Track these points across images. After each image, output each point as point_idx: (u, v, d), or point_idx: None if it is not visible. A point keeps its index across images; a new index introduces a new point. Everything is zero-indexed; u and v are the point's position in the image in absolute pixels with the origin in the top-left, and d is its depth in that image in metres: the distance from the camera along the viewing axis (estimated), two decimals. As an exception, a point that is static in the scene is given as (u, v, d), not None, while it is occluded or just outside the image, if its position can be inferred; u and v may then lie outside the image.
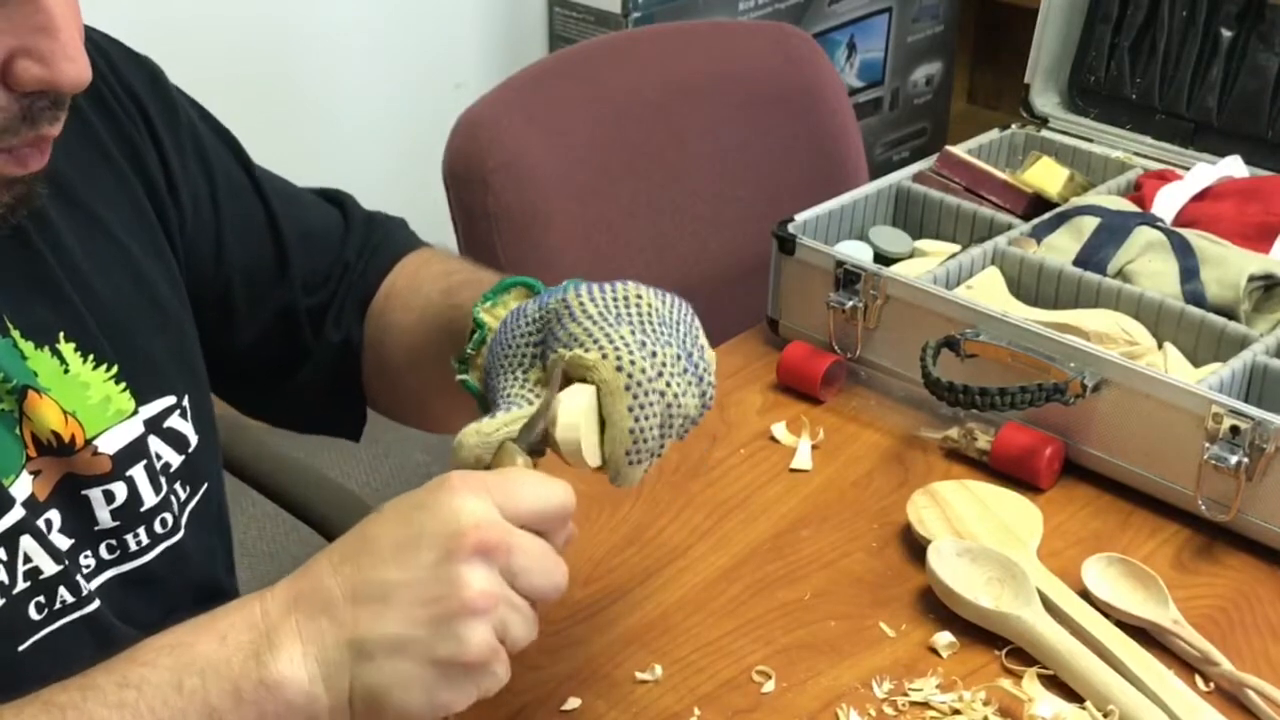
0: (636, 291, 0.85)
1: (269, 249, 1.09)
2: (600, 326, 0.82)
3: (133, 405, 0.97)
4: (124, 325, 0.97)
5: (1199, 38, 1.52)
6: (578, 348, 0.82)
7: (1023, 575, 1.04)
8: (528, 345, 0.85)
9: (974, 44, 3.59)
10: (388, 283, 1.12)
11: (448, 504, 0.73)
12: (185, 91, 1.08)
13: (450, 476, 0.75)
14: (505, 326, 0.87)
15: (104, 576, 0.97)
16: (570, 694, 0.98)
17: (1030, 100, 1.60)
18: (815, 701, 0.98)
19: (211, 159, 1.07)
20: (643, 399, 0.80)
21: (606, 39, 1.89)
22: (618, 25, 2.59)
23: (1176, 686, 0.97)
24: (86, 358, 0.94)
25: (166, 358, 1.00)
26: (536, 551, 0.75)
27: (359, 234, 1.14)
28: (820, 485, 1.20)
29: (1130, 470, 1.17)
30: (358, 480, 2.58)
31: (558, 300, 0.85)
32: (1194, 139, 1.53)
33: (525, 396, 0.83)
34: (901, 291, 1.27)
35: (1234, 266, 1.27)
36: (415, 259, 1.14)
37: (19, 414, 0.91)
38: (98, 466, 0.95)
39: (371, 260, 1.13)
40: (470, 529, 0.73)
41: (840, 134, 1.78)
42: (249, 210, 1.09)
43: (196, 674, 0.73)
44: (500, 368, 0.86)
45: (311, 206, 1.14)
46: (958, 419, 1.25)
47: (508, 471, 0.77)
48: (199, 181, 1.05)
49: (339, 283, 1.12)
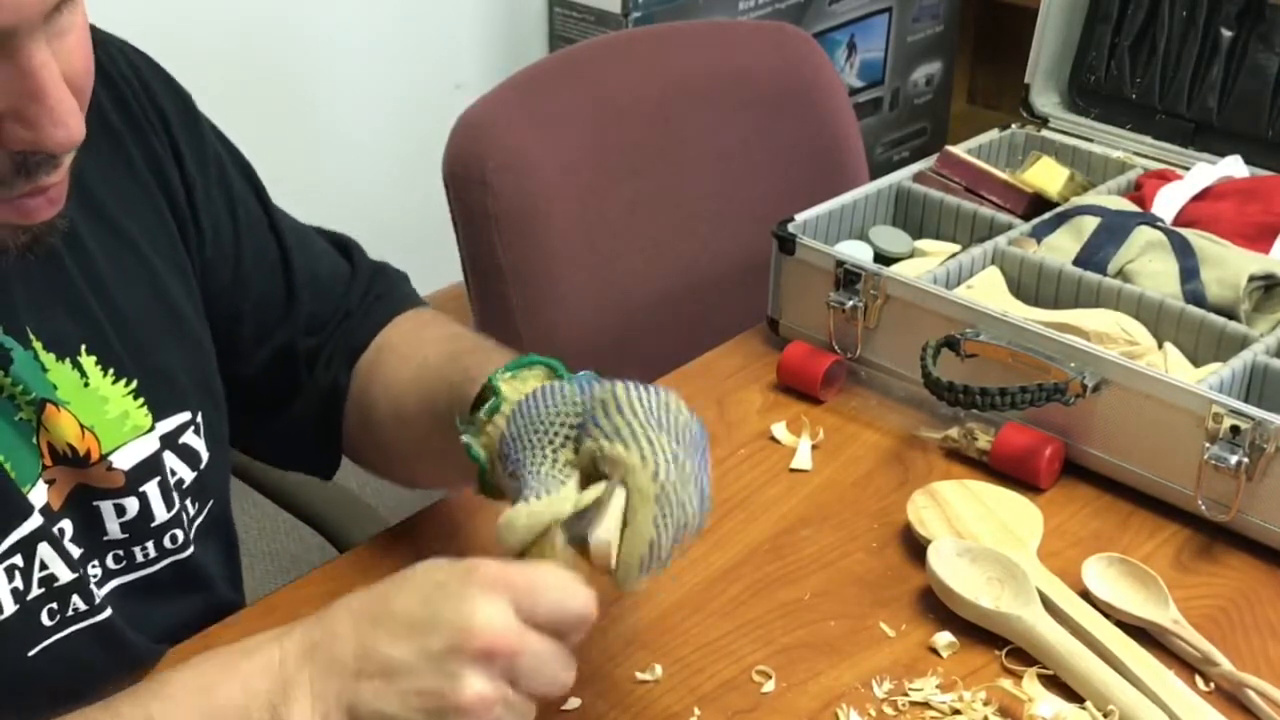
0: (677, 402, 0.86)
1: (279, 286, 1.10)
2: (644, 428, 0.82)
3: (149, 421, 0.97)
4: (145, 340, 0.97)
5: (1199, 38, 1.52)
6: (619, 442, 0.82)
7: (1023, 575, 1.04)
8: (564, 426, 0.85)
9: (974, 44, 3.59)
10: (381, 337, 1.12)
11: (468, 598, 0.75)
12: (214, 123, 1.08)
13: (479, 569, 0.76)
14: (536, 401, 0.87)
15: (110, 585, 0.98)
16: (570, 694, 0.98)
17: (1030, 100, 1.60)
18: (815, 701, 0.98)
19: (235, 191, 1.07)
20: (667, 511, 0.81)
21: (606, 39, 1.89)
22: (618, 25, 2.59)
23: (1176, 686, 0.97)
24: (107, 371, 0.94)
25: (184, 374, 1.01)
26: (545, 655, 0.77)
27: (362, 283, 1.14)
28: (820, 485, 1.20)
29: (1130, 470, 1.17)
30: (358, 480, 2.57)
31: (606, 391, 0.85)
32: (1194, 139, 1.53)
33: (556, 477, 0.83)
34: (901, 291, 1.27)
35: (1234, 266, 1.27)
36: (413, 318, 1.14)
37: (37, 424, 0.91)
38: (111, 481, 0.95)
39: (370, 311, 1.13)
40: (482, 630, 0.74)
41: (840, 134, 1.77)
42: (264, 246, 1.09)
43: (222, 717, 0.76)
44: (530, 442, 0.86)
45: (322, 254, 1.14)
46: (958, 419, 1.25)
47: (537, 572, 0.78)
48: (221, 211, 1.06)
49: (336, 328, 1.12)
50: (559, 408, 0.86)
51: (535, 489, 0.82)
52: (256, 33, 2.48)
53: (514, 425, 0.87)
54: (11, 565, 0.90)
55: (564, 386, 0.88)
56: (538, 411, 0.86)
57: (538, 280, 1.55)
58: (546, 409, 0.86)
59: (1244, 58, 1.50)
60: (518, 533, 0.80)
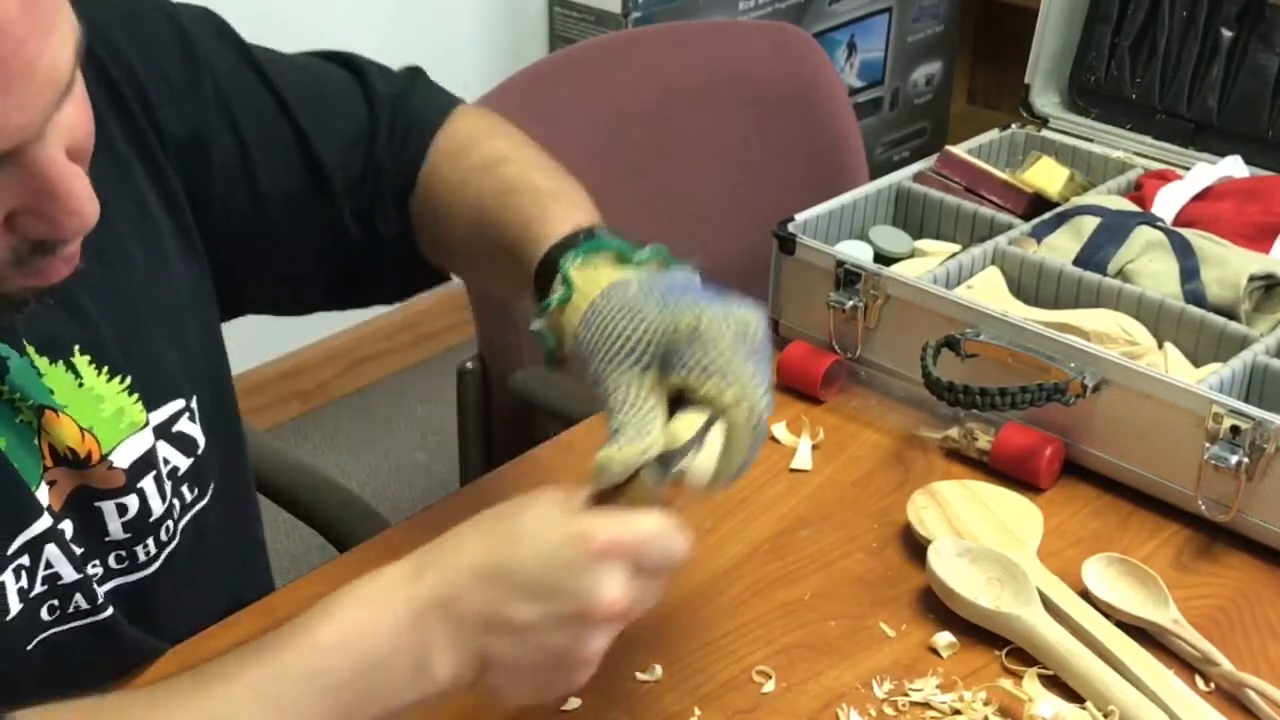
0: (753, 317, 0.87)
1: (306, 180, 1.07)
2: (730, 361, 0.84)
3: (144, 416, 0.97)
4: (134, 330, 0.97)
5: (1199, 38, 1.52)
6: (711, 379, 0.84)
7: (1023, 575, 1.04)
8: (647, 345, 0.86)
9: (974, 44, 3.59)
10: (427, 171, 1.09)
11: (589, 572, 0.79)
12: (194, 8, 1.05)
13: (593, 538, 0.80)
14: (616, 317, 0.87)
15: (111, 584, 0.98)
16: (570, 694, 0.98)
17: (1030, 100, 1.60)
18: (815, 701, 0.98)
19: (234, 104, 1.04)
20: (757, 441, 0.86)
21: (606, 39, 1.89)
22: (618, 25, 2.59)
23: (1176, 686, 0.97)
24: (101, 370, 0.94)
25: (176, 360, 1.00)
26: (651, 596, 0.83)
27: (385, 125, 1.09)
28: (820, 485, 1.20)
29: (1130, 470, 1.17)
30: (358, 480, 2.58)
31: (690, 316, 0.85)
32: (1194, 139, 1.53)
33: (644, 410, 0.85)
34: (901, 291, 1.27)
35: (1234, 266, 1.27)
36: (450, 139, 1.10)
37: (37, 427, 0.91)
38: (112, 480, 0.95)
39: (402, 155, 1.09)
40: (605, 603, 0.79)
41: (840, 134, 1.77)
42: (279, 143, 1.06)
43: (378, 669, 0.80)
44: (612, 360, 0.86)
45: (338, 107, 1.09)
46: (958, 419, 1.25)
47: (642, 527, 0.81)
48: (221, 134, 1.03)
49: (375, 184, 1.09)
50: (640, 326, 0.86)
51: (624, 425, 0.84)
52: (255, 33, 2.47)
53: (591, 333, 0.88)
54: (20, 565, 0.90)
55: (643, 301, 0.87)
56: (618, 329, 0.87)
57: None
58: (627, 325, 0.87)
59: (1244, 58, 1.50)
60: (613, 475, 0.83)
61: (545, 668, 0.81)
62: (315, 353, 2.79)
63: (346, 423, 2.74)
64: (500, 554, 0.81)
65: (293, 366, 2.76)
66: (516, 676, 0.81)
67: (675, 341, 0.85)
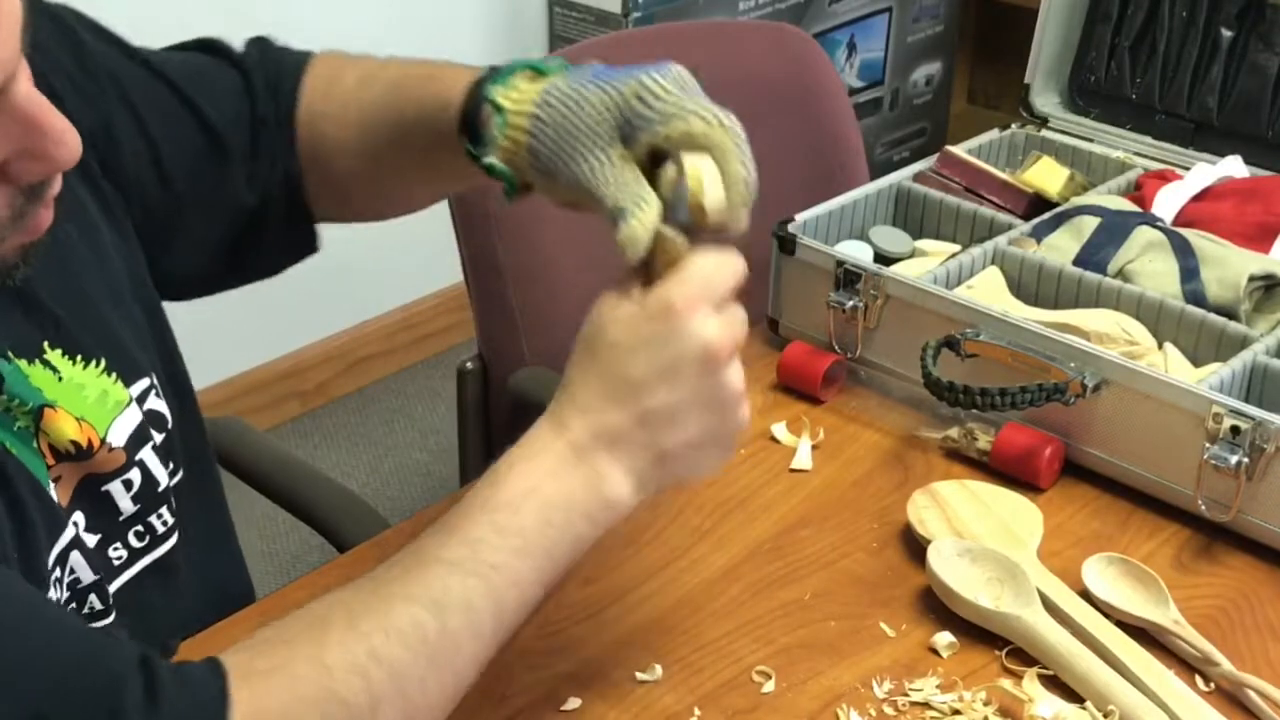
0: (680, 67, 0.90)
1: (201, 145, 1.08)
2: (684, 101, 0.87)
3: (126, 393, 0.98)
4: (91, 315, 0.97)
5: (1199, 38, 1.52)
6: (676, 121, 0.87)
7: (1023, 575, 1.04)
8: (606, 127, 0.88)
9: (974, 44, 3.59)
10: (304, 104, 1.10)
11: (686, 333, 0.85)
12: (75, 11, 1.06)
13: (670, 304, 0.85)
14: (566, 112, 0.89)
15: (136, 568, 0.98)
16: (570, 694, 0.98)
17: (1030, 100, 1.60)
18: (815, 701, 0.98)
19: (128, 90, 1.05)
20: (744, 150, 0.88)
21: (606, 39, 1.89)
22: (618, 25, 2.59)
23: (1176, 686, 0.97)
24: (75, 360, 0.94)
25: (131, 338, 1.00)
26: (742, 320, 0.88)
27: (258, 80, 1.11)
28: (820, 485, 1.20)
29: (1130, 470, 1.17)
30: (358, 480, 2.58)
31: (631, 85, 0.88)
32: (1194, 139, 1.53)
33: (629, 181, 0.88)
34: (901, 291, 1.27)
35: (1234, 266, 1.27)
36: (315, 87, 1.11)
37: (35, 429, 0.92)
38: (114, 461, 0.96)
39: (278, 97, 1.11)
40: (715, 344, 0.85)
41: (840, 134, 1.77)
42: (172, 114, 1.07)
43: (558, 510, 0.85)
44: (575, 152, 0.89)
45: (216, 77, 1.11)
46: (958, 419, 1.25)
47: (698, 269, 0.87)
48: (126, 121, 1.04)
49: (262, 138, 1.10)
50: (589, 111, 0.89)
51: (620, 201, 0.87)
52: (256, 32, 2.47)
53: (547, 140, 0.90)
54: (55, 579, 0.91)
55: (581, 91, 0.89)
56: (571, 122, 0.89)
57: (537, 280, 1.55)
58: (576, 116, 0.89)
59: (1244, 58, 1.50)
60: (642, 245, 0.86)
61: (711, 428, 0.87)
62: (315, 353, 2.79)
63: (346, 423, 2.74)
64: (613, 371, 0.86)
65: (293, 366, 2.76)
66: (694, 454, 0.88)
67: (627, 110, 0.87)
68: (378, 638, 0.79)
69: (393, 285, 2.88)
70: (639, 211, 0.86)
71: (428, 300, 2.94)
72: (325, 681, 0.78)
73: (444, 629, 0.81)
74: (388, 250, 2.59)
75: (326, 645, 0.79)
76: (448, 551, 0.83)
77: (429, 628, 0.80)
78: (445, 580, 0.82)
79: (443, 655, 0.81)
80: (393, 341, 2.89)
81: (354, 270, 2.63)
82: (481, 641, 0.83)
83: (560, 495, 0.85)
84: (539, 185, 0.92)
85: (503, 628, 0.84)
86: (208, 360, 2.60)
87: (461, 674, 0.83)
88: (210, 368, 2.61)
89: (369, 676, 0.79)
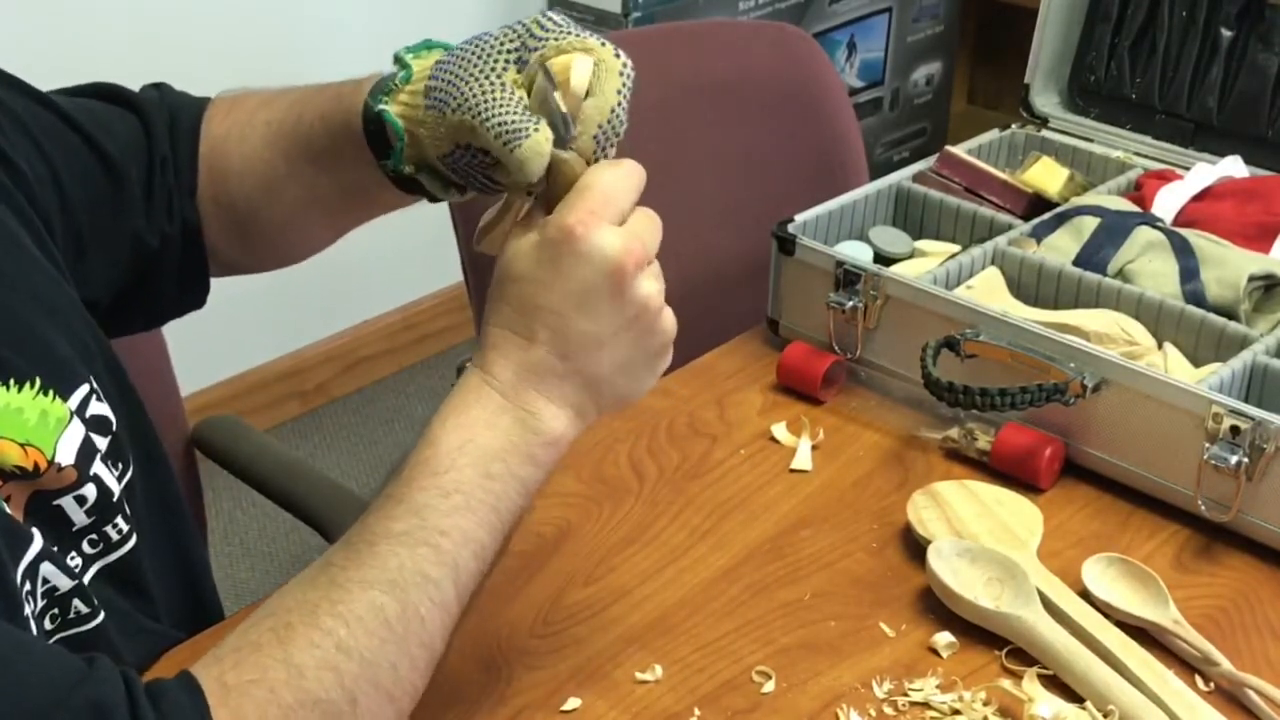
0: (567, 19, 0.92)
1: (98, 176, 1.07)
2: (580, 34, 0.89)
3: (65, 409, 0.96)
4: (21, 330, 0.95)
5: (1199, 38, 1.52)
6: (570, 39, 0.88)
7: (1023, 575, 1.04)
8: (503, 53, 0.89)
9: (974, 44, 3.59)
10: (204, 145, 1.10)
11: (590, 249, 0.84)
12: None
13: (568, 228, 0.84)
14: (467, 46, 0.91)
15: (96, 568, 0.98)
16: (570, 694, 0.98)
17: (1030, 100, 1.60)
18: (815, 701, 0.98)
19: (27, 123, 1.04)
20: (624, 86, 0.89)
21: (606, 39, 1.89)
22: (618, 25, 2.59)
23: (1176, 686, 0.97)
24: (9, 385, 0.92)
25: (65, 345, 0.98)
26: (652, 226, 0.88)
27: (156, 120, 1.10)
28: (820, 485, 1.20)
29: (1130, 470, 1.17)
30: (358, 480, 2.58)
31: (530, 20, 0.90)
32: (1194, 139, 1.53)
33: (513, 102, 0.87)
34: (901, 291, 1.27)
35: (1234, 266, 1.27)
36: (215, 116, 1.11)
37: None
38: (65, 479, 0.95)
39: (178, 135, 1.10)
40: (622, 258, 0.84)
41: (840, 134, 1.77)
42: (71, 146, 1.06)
43: (496, 460, 0.85)
44: (472, 76, 0.89)
45: (104, 112, 1.10)
46: (958, 419, 1.25)
47: (595, 183, 0.86)
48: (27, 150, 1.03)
49: (163, 175, 1.09)
50: (491, 41, 0.90)
51: (506, 119, 0.86)
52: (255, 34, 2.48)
53: (444, 73, 0.90)
54: (27, 592, 0.90)
55: (487, 32, 0.91)
56: (470, 51, 0.90)
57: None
58: (479, 46, 0.90)
59: (1244, 58, 1.50)
60: (538, 163, 0.85)
61: (637, 344, 0.87)
62: (315, 353, 2.79)
63: (346, 423, 2.75)
64: (525, 306, 0.85)
65: (293, 366, 2.76)
66: (626, 374, 0.88)
67: (526, 37, 0.89)
68: (342, 630, 0.79)
69: (393, 285, 2.88)
70: (534, 129, 0.85)
71: (428, 300, 2.94)
72: (299, 683, 0.78)
73: (405, 607, 0.81)
74: (388, 250, 2.59)
75: (293, 647, 0.79)
76: (396, 523, 0.83)
77: (389, 610, 0.81)
78: (398, 557, 0.82)
79: (409, 633, 0.81)
80: (393, 341, 2.89)
81: (354, 270, 2.64)
82: (445, 609, 0.83)
83: (496, 443, 0.85)
84: (428, 128, 0.91)
85: (464, 589, 0.84)
86: (208, 360, 2.61)
87: (431, 645, 0.83)
88: (210, 368, 2.61)
89: (340, 670, 0.79)
